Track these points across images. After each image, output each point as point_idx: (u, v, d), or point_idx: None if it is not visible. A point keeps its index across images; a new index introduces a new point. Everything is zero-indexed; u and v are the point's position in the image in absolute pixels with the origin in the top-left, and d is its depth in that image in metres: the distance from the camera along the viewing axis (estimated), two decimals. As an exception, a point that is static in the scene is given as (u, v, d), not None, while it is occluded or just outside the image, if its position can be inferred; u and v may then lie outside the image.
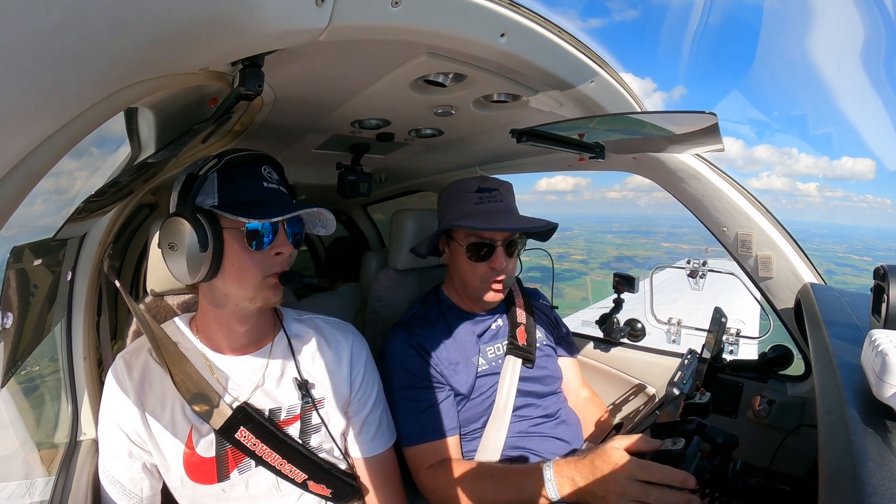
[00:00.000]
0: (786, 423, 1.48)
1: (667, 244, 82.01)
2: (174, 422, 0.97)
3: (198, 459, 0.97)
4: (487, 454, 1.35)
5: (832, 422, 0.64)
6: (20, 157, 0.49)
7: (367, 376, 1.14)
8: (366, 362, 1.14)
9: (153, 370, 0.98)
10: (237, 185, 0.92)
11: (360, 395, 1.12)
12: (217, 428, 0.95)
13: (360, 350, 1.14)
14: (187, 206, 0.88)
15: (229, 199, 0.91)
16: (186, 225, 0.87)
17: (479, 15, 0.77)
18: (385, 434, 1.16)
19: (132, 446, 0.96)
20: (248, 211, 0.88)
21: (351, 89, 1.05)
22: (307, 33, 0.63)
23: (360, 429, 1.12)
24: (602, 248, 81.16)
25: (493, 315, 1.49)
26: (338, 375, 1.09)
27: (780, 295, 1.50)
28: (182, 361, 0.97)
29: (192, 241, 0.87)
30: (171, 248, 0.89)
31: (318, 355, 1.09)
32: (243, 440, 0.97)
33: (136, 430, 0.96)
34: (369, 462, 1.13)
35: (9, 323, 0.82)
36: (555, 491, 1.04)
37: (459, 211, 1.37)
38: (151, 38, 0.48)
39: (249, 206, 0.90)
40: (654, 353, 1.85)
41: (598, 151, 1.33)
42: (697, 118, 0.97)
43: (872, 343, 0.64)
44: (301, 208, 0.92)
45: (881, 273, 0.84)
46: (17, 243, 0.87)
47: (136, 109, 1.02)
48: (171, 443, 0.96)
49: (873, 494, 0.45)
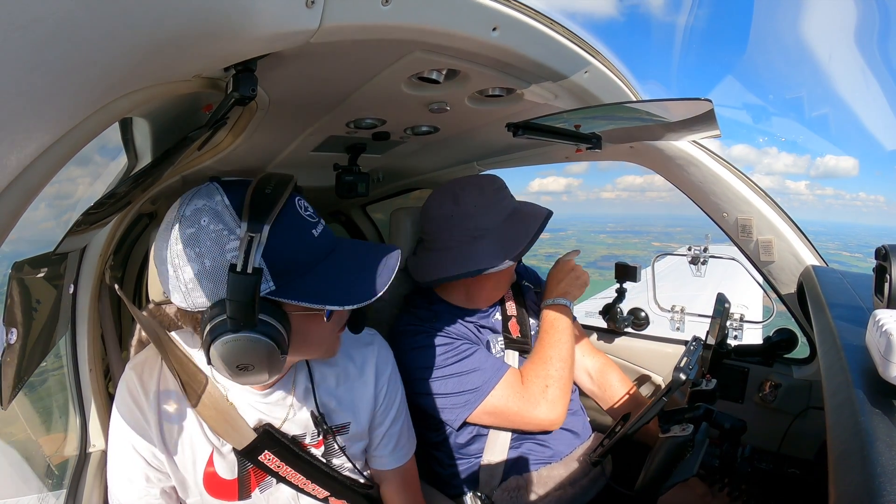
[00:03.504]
0: (793, 406, 1.48)
1: (657, 243, 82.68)
2: (194, 443, 0.90)
3: (219, 481, 0.93)
4: (494, 453, 1.35)
5: (839, 403, 0.64)
6: (17, 171, 0.49)
7: (391, 389, 1.08)
8: (390, 375, 1.08)
9: (170, 387, 0.90)
10: (285, 248, 0.73)
11: (383, 408, 1.07)
12: (240, 449, 0.90)
13: (386, 364, 1.07)
14: (252, 316, 0.69)
15: (286, 275, 0.73)
16: (259, 340, 0.70)
17: (471, 10, 0.76)
18: (405, 446, 1.12)
19: (149, 470, 0.89)
20: (330, 289, 0.73)
21: (345, 89, 1.04)
22: (299, 35, 0.63)
23: (379, 442, 1.08)
24: (592, 248, 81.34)
25: (490, 309, 1.49)
26: (363, 397, 1.03)
27: (782, 278, 1.50)
28: (195, 375, 0.89)
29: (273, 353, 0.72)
30: (247, 369, 0.73)
31: (343, 377, 1.02)
32: (267, 462, 0.92)
33: (153, 453, 0.88)
34: (389, 473, 1.10)
35: (13, 339, 0.82)
36: None
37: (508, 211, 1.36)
38: (143, 48, 0.47)
39: (318, 276, 0.74)
40: (658, 342, 1.86)
41: (595, 141, 1.32)
42: (693, 105, 0.96)
43: (876, 323, 0.64)
44: (390, 266, 0.80)
45: (882, 253, 0.84)
46: (18, 257, 0.87)
47: (131, 119, 1.02)
48: (190, 464, 0.91)
49: (883, 474, 0.46)
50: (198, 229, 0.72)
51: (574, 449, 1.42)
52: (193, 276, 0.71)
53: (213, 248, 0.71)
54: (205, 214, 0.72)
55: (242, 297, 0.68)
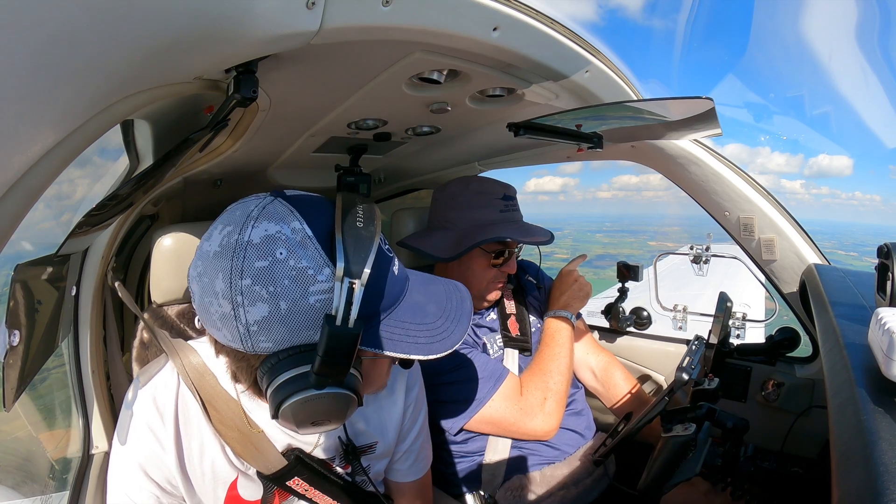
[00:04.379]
0: (795, 405, 1.48)
1: (653, 242, 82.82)
2: (216, 467, 0.84)
3: (242, 503, 0.88)
4: (497, 453, 1.35)
5: (842, 402, 0.64)
6: (19, 174, 0.49)
7: (416, 408, 1.05)
8: (417, 395, 1.04)
9: (189, 408, 0.81)
10: (374, 290, 0.66)
11: (408, 425, 1.04)
12: (268, 475, 0.83)
13: (415, 382, 1.04)
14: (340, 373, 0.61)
15: (371, 319, 0.66)
16: (346, 397, 0.63)
17: (471, 10, 0.77)
18: (424, 459, 1.10)
19: (161, 494, 0.82)
20: (407, 339, 0.66)
21: (346, 91, 1.05)
22: (299, 37, 0.63)
23: (400, 457, 1.05)
24: (588, 247, 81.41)
25: (486, 309, 1.49)
26: (391, 416, 0.99)
27: (784, 277, 1.49)
28: (217, 393, 0.80)
29: (350, 406, 0.65)
30: (318, 424, 0.65)
31: (372, 396, 0.96)
32: (296, 487, 0.86)
33: (168, 479, 0.81)
34: (405, 486, 1.09)
35: (16, 341, 0.82)
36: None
37: (487, 216, 1.38)
38: (144, 50, 0.48)
39: (394, 320, 0.67)
40: (660, 341, 1.85)
41: (596, 141, 1.32)
42: (694, 104, 0.96)
43: (879, 322, 0.64)
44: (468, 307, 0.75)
45: (885, 251, 0.84)
46: (21, 260, 0.87)
47: (133, 121, 1.02)
48: (210, 489, 0.85)
49: (885, 473, 0.45)
50: (272, 263, 0.60)
51: (578, 449, 1.42)
52: (261, 318, 0.61)
53: (294, 290, 0.60)
54: (281, 246, 0.61)
55: (339, 354, 0.59)
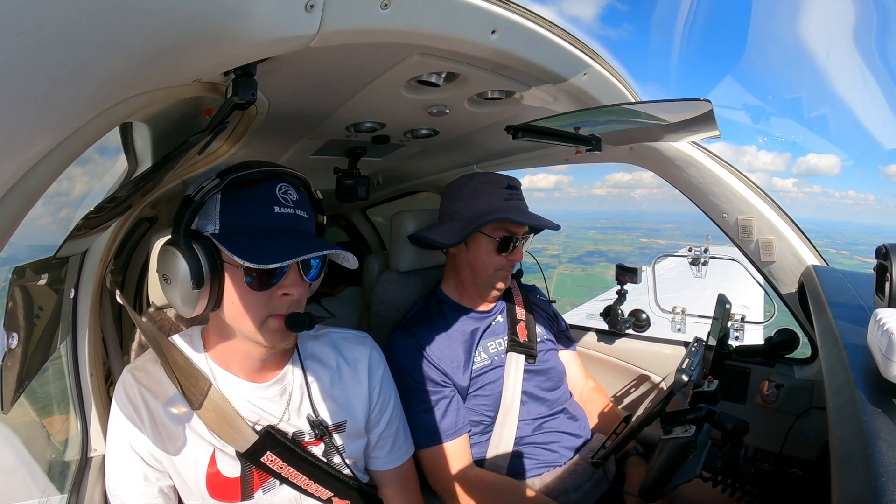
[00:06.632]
0: (795, 406, 1.48)
1: (645, 240, 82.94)
2: (195, 444, 0.92)
3: (222, 480, 0.93)
4: (499, 450, 1.35)
5: (841, 403, 0.64)
6: (18, 176, 0.49)
7: (384, 391, 1.10)
8: (382, 377, 1.11)
9: (166, 388, 0.92)
10: (244, 208, 0.82)
11: (378, 409, 1.09)
12: (242, 451, 0.91)
13: (378, 364, 1.11)
14: (181, 235, 0.79)
15: (232, 227, 0.82)
16: (179, 256, 0.78)
17: (470, 13, 0.77)
18: (402, 447, 1.14)
19: (147, 469, 0.91)
20: (250, 247, 0.78)
21: (344, 93, 1.05)
22: (298, 40, 0.63)
23: (376, 444, 1.10)
24: (579, 244, 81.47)
25: (493, 312, 1.49)
26: (357, 394, 1.06)
27: (783, 278, 1.50)
28: (196, 378, 0.91)
29: (185, 276, 0.78)
30: (166, 280, 0.81)
31: (337, 376, 1.05)
32: (269, 463, 0.93)
33: (151, 453, 0.90)
34: (388, 474, 1.12)
35: (14, 343, 0.82)
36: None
37: (491, 204, 1.38)
38: (143, 53, 0.48)
39: (255, 238, 0.80)
40: (659, 343, 1.85)
41: (594, 143, 1.33)
42: (692, 106, 0.97)
43: (878, 323, 0.64)
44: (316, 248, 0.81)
45: (883, 252, 0.84)
46: (19, 262, 0.87)
47: (131, 124, 1.02)
48: (192, 465, 0.92)
49: (885, 474, 0.45)
50: None
51: (576, 453, 1.42)
52: None
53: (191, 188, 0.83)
54: None
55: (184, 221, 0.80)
